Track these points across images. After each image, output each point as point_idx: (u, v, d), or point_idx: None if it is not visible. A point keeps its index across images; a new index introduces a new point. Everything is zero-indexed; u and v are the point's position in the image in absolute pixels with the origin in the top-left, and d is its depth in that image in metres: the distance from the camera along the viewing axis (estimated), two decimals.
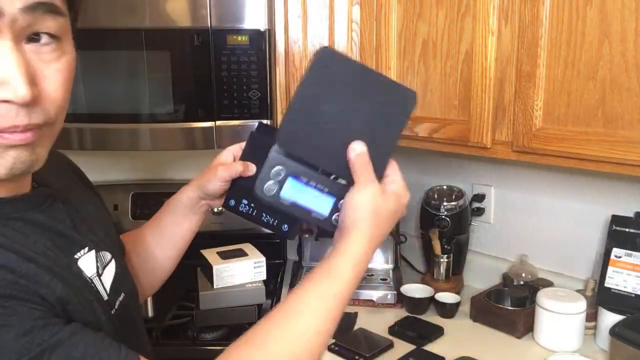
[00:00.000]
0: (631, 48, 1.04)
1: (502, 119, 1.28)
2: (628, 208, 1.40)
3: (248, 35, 1.45)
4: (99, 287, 0.70)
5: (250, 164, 0.89)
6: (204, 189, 0.93)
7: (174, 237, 0.99)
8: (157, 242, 1.00)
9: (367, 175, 0.71)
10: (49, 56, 0.56)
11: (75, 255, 0.68)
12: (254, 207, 0.89)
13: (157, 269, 1.01)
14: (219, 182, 0.90)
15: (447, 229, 1.66)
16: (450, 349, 1.35)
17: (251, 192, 0.81)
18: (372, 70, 0.72)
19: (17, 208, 0.62)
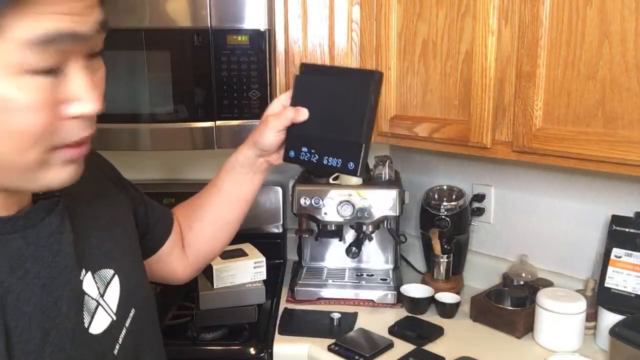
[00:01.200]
0: (631, 48, 1.04)
1: (502, 119, 1.28)
2: (628, 208, 1.40)
3: (248, 35, 1.45)
4: (106, 308, 0.68)
5: (301, 108, 0.87)
6: (259, 144, 0.91)
7: (235, 200, 0.97)
8: (218, 208, 0.97)
9: None
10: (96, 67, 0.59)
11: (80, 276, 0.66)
12: (314, 152, 0.88)
13: (217, 234, 0.99)
14: (273, 132, 0.88)
15: (447, 229, 1.66)
16: (450, 349, 1.35)
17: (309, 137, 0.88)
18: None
19: (18, 226, 0.60)
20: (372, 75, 0.84)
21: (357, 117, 0.84)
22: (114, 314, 0.69)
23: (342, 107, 0.86)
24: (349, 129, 0.84)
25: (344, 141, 0.85)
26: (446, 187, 1.74)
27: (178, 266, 0.99)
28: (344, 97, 0.85)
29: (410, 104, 1.48)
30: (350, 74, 0.88)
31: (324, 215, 1.60)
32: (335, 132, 0.86)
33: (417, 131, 1.46)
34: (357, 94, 0.84)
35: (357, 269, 1.77)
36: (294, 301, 1.64)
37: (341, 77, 0.88)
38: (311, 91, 0.88)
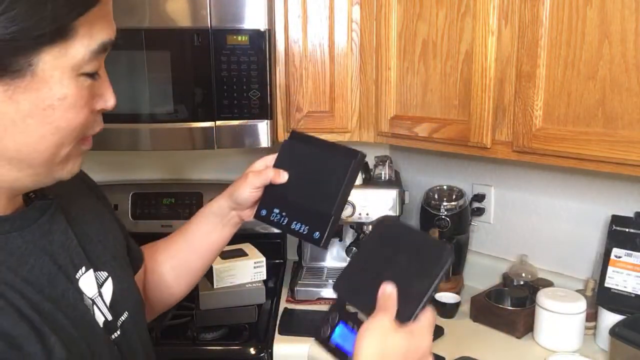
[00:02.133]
0: (631, 48, 1.04)
1: (502, 119, 1.28)
2: (628, 208, 1.40)
3: (248, 35, 1.45)
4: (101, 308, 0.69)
5: (282, 171, 0.89)
6: (234, 197, 0.92)
7: (199, 247, 0.97)
8: (181, 251, 0.97)
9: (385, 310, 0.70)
10: None
11: (77, 275, 0.67)
12: (285, 215, 0.89)
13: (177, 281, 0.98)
14: (250, 188, 0.90)
15: (447, 229, 1.66)
16: (450, 349, 1.35)
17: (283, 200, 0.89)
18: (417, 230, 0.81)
19: (16, 225, 0.62)
20: (355, 155, 0.86)
21: (332, 192, 0.86)
22: (109, 313, 0.71)
23: (320, 179, 0.88)
24: (323, 200, 0.87)
25: (314, 211, 0.87)
26: (446, 187, 1.74)
27: None
28: (325, 170, 0.88)
29: (410, 104, 1.48)
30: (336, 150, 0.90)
31: None
32: (308, 201, 0.88)
33: (417, 131, 1.46)
34: (337, 169, 0.86)
35: None
36: (294, 301, 1.64)
37: (326, 151, 0.90)
38: (295, 158, 0.91)
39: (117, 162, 1.94)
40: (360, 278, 0.77)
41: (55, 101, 0.56)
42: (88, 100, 0.59)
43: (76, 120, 0.58)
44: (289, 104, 1.58)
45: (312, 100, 1.59)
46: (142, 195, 1.86)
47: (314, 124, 1.59)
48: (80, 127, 0.59)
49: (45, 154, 0.58)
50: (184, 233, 0.98)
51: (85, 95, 0.58)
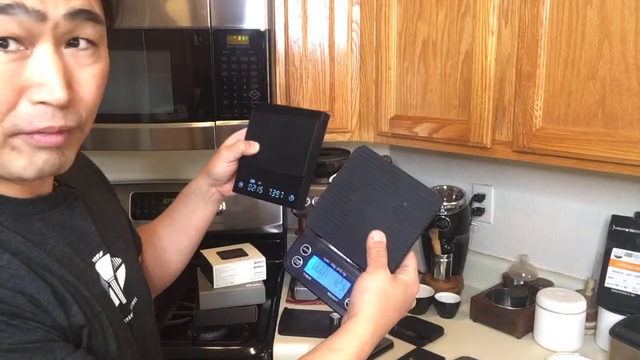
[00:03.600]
0: (631, 48, 1.04)
1: (502, 119, 1.28)
2: (628, 208, 1.40)
3: (248, 35, 1.45)
4: (116, 291, 0.71)
5: (253, 142, 0.93)
6: (211, 174, 0.94)
7: (186, 228, 0.99)
8: (169, 234, 1.00)
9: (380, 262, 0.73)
10: (85, 61, 0.58)
11: (93, 259, 0.69)
12: (261, 184, 0.93)
13: (170, 262, 1.01)
14: (224, 163, 0.92)
15: (447, 229, 1.66)
16: (450, 349, 1.35)
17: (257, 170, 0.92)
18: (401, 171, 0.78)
19: (38, 209, 0.63)
20: (319, 115, 0.90)
21: (300, 153, 0.90)
22: (123, 297, 0.73)
23: (288, 144, 0.92)
24: (293, 164, 0.90)
25: (287, 175, 0.91)
26: (446, 187, 1.74)
27: None
28: (291, 134, 0.91)
29: (410, 104, 1.48)
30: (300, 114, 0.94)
31: None
32: (280, 167, 0.91)
33: (417, 131, 1.46)
34: (303, 132, 0.90)
35: None
36: (294, 301, 1.64)
37: (292, 117, 0.94)
38: (264, 128, 0.95)
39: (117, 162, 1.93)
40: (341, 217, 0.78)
41: None
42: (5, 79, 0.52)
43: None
44: (289, 104, 1.58)
45: (312, 100, 1.59)
46: (142, 195, 1.86)
47: None
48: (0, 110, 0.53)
49: None
50: (170, 215, 1.00)
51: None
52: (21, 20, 0.51)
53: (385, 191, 0.76)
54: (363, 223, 0.76)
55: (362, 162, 0.78)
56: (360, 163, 0.78)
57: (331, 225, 0.78)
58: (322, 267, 0.78)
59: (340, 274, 0.77)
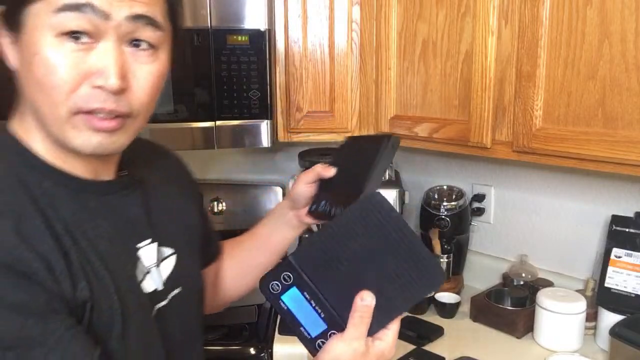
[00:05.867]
0: (631, 48, 1.04)
1: (502, 119, 1.28)
2: (628, 208, 1.40)
3: (248, 35, 1.45)
4: (155, 277, 0.77)
5: (330, 166, 0.96)
6: (291, 195, 0.99)
7: (264, 247, 1.03)
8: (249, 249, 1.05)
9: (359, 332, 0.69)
10: (144, 59, 0.67)
11: (138, 245, 0.75)
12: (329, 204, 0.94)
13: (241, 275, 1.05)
14: (302, 184, 0.96)
15: (447, 229, 1.66)
16: (450, 349, 1.35)
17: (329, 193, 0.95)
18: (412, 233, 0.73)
19: (98, 190, 0.72)
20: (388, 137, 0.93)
21: (362, 173, 0.91)
22: (162, 283, 0.78)
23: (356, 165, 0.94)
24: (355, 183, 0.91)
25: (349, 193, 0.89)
26: (446, 187, 1.74)
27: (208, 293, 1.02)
28: (361, 156, 0.94)
29: (410, 104, 1.48)
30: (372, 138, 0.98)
31: None
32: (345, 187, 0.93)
33: (417, 131, 1.46)
34: (369, 154, 0.92)
35: None
36: None
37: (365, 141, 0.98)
38: (346, 156, 0.99)
39: None
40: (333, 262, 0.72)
41: (32, 56, 0.62)
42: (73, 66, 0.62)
43: (54, 80, 0.62)
44: (289, 104, 1.58)
45: (312, 100, 1.59)
46: None
47: (314, 124, 1.59)
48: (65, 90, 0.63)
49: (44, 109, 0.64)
50: (254, 232, 1.06)
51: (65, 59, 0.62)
52: (90, 18, 0.61)
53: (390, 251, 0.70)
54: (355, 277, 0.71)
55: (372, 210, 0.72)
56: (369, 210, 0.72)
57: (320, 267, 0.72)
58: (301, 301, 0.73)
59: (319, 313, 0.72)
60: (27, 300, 0.59)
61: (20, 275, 0.59)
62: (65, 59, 0.62)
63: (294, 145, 1.80)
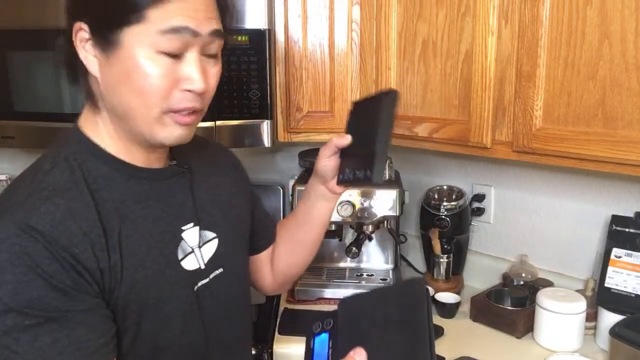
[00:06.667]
0: (631, 48, 1.04)
1: (502, 119, 1.28)
2: (628, 208, 1.40)
3: (248, 35, 1.45)
4: (198, 257, 0.86)
5: (345, 134, 1.00)
6: (317, 171, 1.05)
7: (302, 221, 1.11)
8: (290, 227, 1.13)
9: None
10: (211, 64, 0.80)
11: (183, 227, 0.85)
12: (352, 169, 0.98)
13: (292, 253, 1.13)
14: (323, 159, 1.02)
15: (447, 229, 1.66)
16: (450, 349, 1.35)
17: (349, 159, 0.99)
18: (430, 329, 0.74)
19: (150, 175, 0.83)
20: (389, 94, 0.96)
21: (372, 132, 0.95)
22: (204, 263, 0.87)
23: (365, 126, 0.98)
24: (368, 143, 0.95)
25: (363, 154, 0.95)
26: (446, 187, 1.74)
27: (266, 276, 1.14)
28: (368, 117, 0.98)
29: (410, 103, 1.48)
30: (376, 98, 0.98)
31: None
32: (360, 149, 0.97)
33: (417, 131, 1.46)
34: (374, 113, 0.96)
35: (357, 269, 1.78)
36: (294, 301, 1.64)
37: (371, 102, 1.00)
38: (356, 121, 1.02)
39: None
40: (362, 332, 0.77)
41: (134, 70, 0.73)
42: (167, 75, 0.74)
43: (152, 88, 0.74)
44: (289, 104, 1.58)
45: (312, 100, 1.59)
46: None
47: (314, 124, 1.59)
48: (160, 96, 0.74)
49: (137, 111, 0.75)
50: (294, 211, 1.15)
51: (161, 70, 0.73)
52: (184, 38, 0.74)
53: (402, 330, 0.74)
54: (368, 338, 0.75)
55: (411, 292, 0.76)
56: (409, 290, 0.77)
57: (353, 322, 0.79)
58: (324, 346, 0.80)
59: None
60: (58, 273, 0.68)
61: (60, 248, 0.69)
62: (161, 70, 0.73)
63: (294, 145, 1.80)
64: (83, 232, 0.72)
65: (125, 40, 0.72)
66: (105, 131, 0.81)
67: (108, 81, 0.76)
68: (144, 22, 0.71)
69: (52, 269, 0.68)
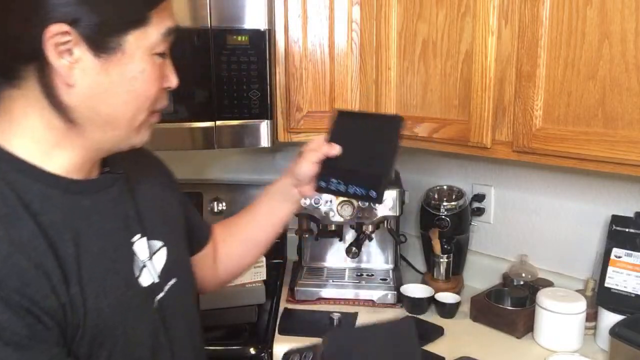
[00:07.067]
0: (631, 48, 1.04)
1: (502, 119, 1.28)
2: (628, 208, 1.40)
3: (248, 35, 1.45)
4: (151, 271, 0.80)
5: (335, 144, 0.99)
6: (295, 174, 1.02)
7: (264, 222, 1.08)
8: (251, 227, 1.09)
9: None
10: None
11: (132, 239, 0.79)
12: (342, 182, 0.98)
13: (246, 252, 1.11)
14: (308, 164, 1.00)
15: (447, 229, 1.66)
16: (450, 349, 1.35)
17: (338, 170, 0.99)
18: None
19: (89, 188, 0.75)
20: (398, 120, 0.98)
21: (384, 154, 0.96)
22: (157, 276, 0.81)
23: (370, 144, 0.99)
24: (375, 163, 0.97)
25: (368, 173, 0.96)
26: (446, 187, 1.74)
27: (207, 275, 1.07)
28: (374, 136, 0.98)
29: (410, 104, 1.48)
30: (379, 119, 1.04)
31: (324, 215, 1.60)
32: (362, 166, 0.97)
33: (417, 131, 1.46)
34: (385, 134, 0.97)
35: (357, 269, 1.77)
36: (294, 301, 1.64)
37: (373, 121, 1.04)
38: (344, 132, 1.02)
39: None
40: None
41: (137, 73, 0.70)
42: (159, 76, 0.73)
43: (151, 90, 0.72)
44: (289, 104, 1.58)
45: (312, 100, 1.59)
46: None
47: (314, 123, 1.59)
48: (153, 98, 0.73)
49: (127, 117, 0.72)
50: (252, 211, 1.10)
51: (157, 71, 0.73)
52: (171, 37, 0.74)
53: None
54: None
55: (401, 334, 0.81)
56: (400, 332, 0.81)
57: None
58: None
59: None
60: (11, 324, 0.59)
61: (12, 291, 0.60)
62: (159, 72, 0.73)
63: (294, 145, 1.80)
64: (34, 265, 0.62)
65: (127, 45, 0.69)
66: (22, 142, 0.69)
67: (95, 89, 0.68)
68: (147, 25, 0.70)
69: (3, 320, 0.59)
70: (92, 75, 0.68)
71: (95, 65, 0.67)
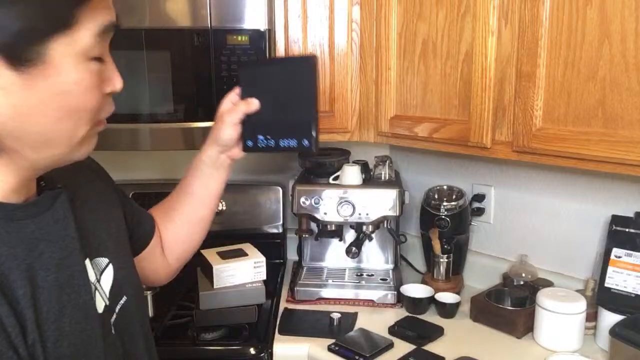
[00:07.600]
0: (631, 48, 1.04)
1: (502, 119, 1.28)
2: (628, 208, 1.40)
3: (248, 35, 1.45)
4: (102, 293, 0.73)
5: (251, 99, 0.95)
6: (219, 141, 0.98)
7: (202, 198, 1.03)
8: (190, 206, 1.04)
9: None
10: None
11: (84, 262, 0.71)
12: (270, 137, 0.95)
13: (194, 233, 1.06)
14: (229, 127, 0.95)
15: (447, 229, 1.66)
16: (450, 349, 1.35)
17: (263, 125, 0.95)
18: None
19: (32, 212, 0.65)
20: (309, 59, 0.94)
21: (304, 98, 0.93)
22: (107, 298, 0.74)
23: (288, 92, 0.94)
24: (298, 110, 0.93)
25: (295, 121, 0.93)
26: (446, 187, 1.74)
27: (160, 267, 1.04)
28: (288, 83, 0.94)
29: (410, 104, 1.48)
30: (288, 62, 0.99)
31: (324, 215, 1.60)
32: (286, 116, 0.94)
33: (417, 131, 1.46)
34: (300, 78, 0.93)
35: (357, 269, 1.77)
36: (294, 301, 1.64)
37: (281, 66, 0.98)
38: (256, 83, 0.97)
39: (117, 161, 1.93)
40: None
41: (70, 86, 0.60)
42: (98, 83, 0.63)
43: (90, 102, 0.62)
44: None
45: None
46: (142, 195, 1.85)
47: None
48: (94, 109, 0.63)
49: (64, 136, 0.62)
50: (185, 190, 1.04)
51: (95, 79, 0.62)
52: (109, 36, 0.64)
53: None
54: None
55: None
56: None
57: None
58: None
59: None
60: None
61: None
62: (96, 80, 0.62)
63: None
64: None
65: (51, 54, 0.57)
66: None
67: (20, 108, 0.58)
68: (73, 27, 0.58)
69: None
70: (15, 92, 0.57)
71: (16, 81, 0.57)
